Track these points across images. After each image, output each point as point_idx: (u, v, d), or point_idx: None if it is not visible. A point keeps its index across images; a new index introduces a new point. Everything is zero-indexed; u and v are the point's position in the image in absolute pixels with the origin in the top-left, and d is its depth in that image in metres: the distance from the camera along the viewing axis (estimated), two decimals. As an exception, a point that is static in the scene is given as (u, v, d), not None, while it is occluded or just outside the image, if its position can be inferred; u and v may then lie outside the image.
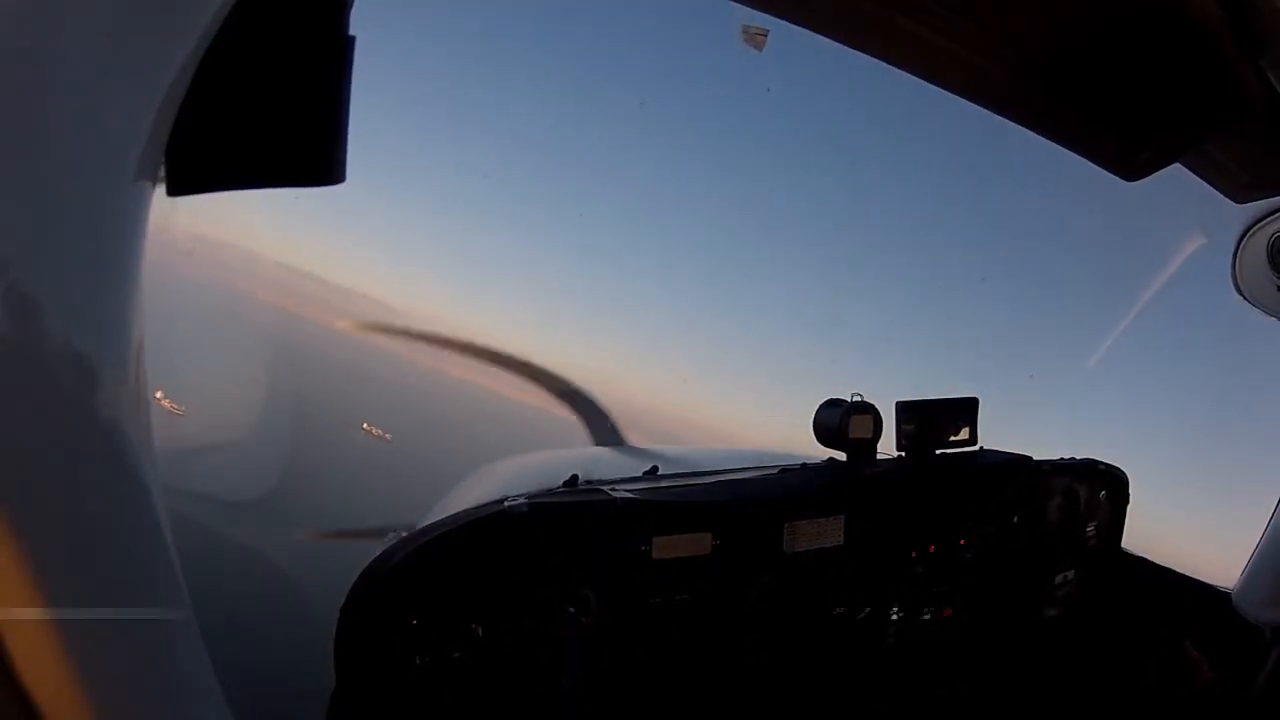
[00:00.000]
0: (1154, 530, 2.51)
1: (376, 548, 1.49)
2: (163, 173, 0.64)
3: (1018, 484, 2.11)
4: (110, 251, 0.53)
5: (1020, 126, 1.54)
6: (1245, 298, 2.00)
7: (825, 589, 1.83)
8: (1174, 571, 2.25)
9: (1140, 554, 2.33)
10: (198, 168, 0.68)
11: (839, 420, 1.95)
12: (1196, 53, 1.21)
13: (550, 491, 1.68)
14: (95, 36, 0.47)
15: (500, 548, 1.51)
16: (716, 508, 1.70)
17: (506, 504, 1.54)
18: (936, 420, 2.01)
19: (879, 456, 2.02)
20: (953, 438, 2.03)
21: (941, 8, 1.22)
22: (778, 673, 1.80)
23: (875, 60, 1.40)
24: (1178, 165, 1.59)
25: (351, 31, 0.75)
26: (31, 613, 0.45)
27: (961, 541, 2.02)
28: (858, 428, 1.96)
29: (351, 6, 0.74)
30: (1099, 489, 2.25)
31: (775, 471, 1.97)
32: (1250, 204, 1.85)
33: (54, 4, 0.43)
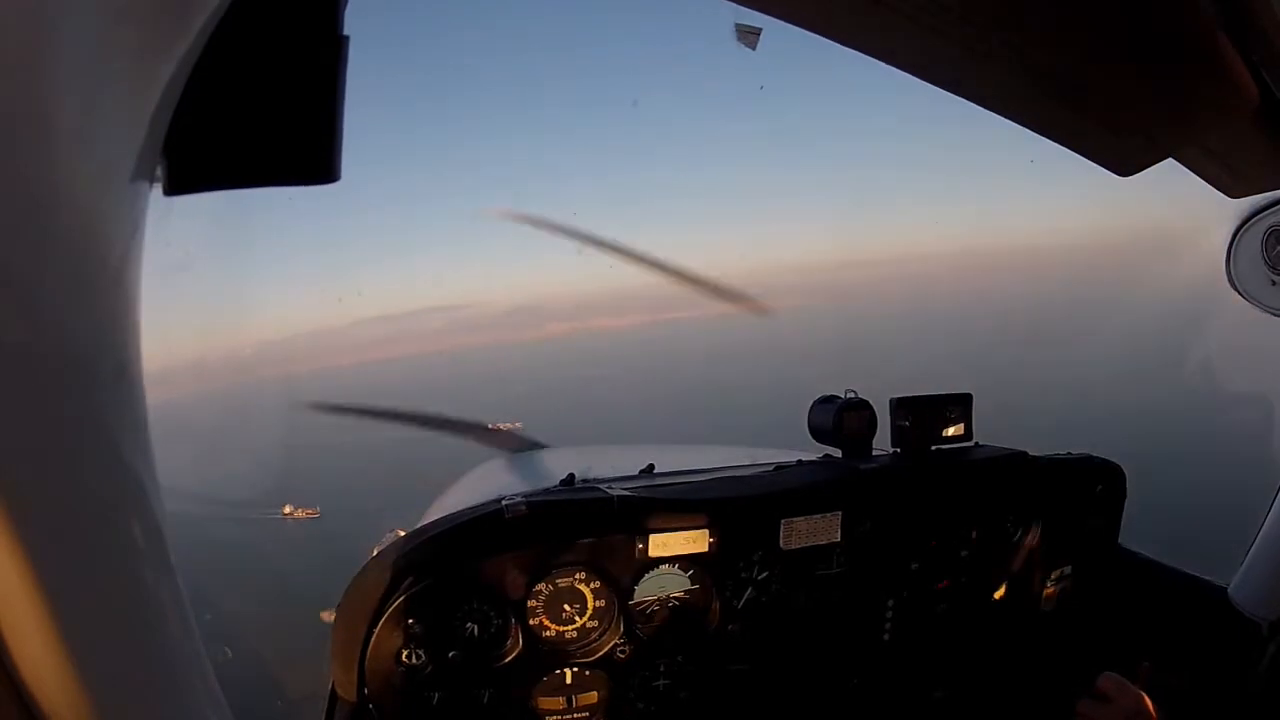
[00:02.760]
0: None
1: (374, 547, 1.50)
2: (159, 172, 0.65)
3: (1013, 479, 2.11)
4: (109, 250, 0.54)
5: (1015, 124, 1.53)
6: (1240, 292, 2.01)
7: (822, 585, 1.84)
8: (1171, 566, 2.25)
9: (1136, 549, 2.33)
10: (194, 167, 0.69)
11: (834, 416, 1.96)
12: (1191, 49, 1.22)
13: (547, 490, 1.69)
14: (92, 35, 0.47)
15: (497, 547, 1.52)
16: (713, 505, 1.70)
17: (504, 503, 1.54)
18: (931, 416, 2.02)
19: (874, 452, 2.03)
20: (947, 433, 2.04)
21: (936, 5, 1.22)
22: (775, 670, 1.81)
23: (871, 59, 1.40)
24: (1171, 161, 1.59)
25: (345, 31, 0.75)
26: (31, 613, 0.46)
27: (958, 537, 2.02)
28: (852, 424, 1.97)
29: (345, 6, 0.75)
30: (1095, 484, 2.25)
31: (771, 468, 1.98)
32: (1244, 199, 1.86)
33: (52, 2, 0.43)
